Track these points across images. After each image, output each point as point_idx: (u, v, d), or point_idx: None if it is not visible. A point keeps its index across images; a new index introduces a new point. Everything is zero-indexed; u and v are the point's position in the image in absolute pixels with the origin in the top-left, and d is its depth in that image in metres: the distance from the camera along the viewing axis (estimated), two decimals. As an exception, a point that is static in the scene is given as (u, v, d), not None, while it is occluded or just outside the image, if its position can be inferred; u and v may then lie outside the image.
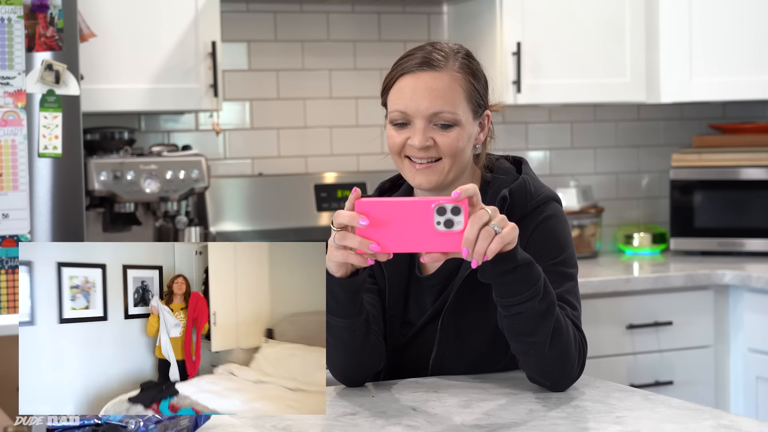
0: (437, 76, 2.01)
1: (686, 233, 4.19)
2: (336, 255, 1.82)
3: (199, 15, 3.60)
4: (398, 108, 2.02)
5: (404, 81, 2.02)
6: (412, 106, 2.01)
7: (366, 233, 1.76)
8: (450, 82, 2.01)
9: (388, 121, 2.06)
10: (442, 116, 2.00)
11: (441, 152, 2.01)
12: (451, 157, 2.01)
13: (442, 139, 2.00)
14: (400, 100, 2.02)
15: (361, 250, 1.77)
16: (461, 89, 2.02)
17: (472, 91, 2.04)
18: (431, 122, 2.01)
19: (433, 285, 2.10)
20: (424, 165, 2.02)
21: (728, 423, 1.75)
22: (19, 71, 3.09)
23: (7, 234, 3.07)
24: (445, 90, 2.00)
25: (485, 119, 2.09)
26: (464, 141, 2.02)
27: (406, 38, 4.19)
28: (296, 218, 3.97)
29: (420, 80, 2.01)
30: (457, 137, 2.01)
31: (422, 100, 2.00)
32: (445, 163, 2.02)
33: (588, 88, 4.06)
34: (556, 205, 2.09)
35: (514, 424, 1.77)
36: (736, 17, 4.03)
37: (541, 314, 1.87)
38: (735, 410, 3.72)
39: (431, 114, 2.00)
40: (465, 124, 2.02)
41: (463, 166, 2.05)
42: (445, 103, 2.00)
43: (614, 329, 3.70)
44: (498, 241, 1.76)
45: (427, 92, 2.00)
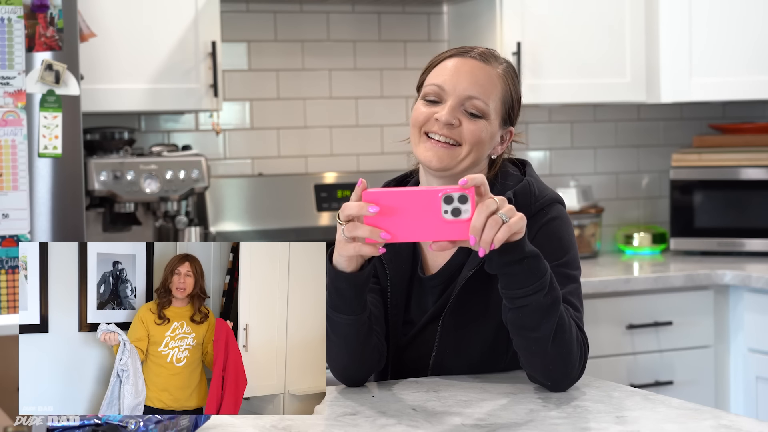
0: (483, 66, 2.04)
1: (686, 233, 4.19)
2: (347, 248, 1.81)
3: (199, 15, 3.60)
4: (436, 82, 2.04)
5: (452, 61, 2.05)
6: (451, 84, 2.02)
7: (374, 222, 1.76)
8: (492, 76, 2.04)
9: (420, 96, 2.07)
10: (475, 103, 2.01)
11: (463, 137, 2.01)
12: (471, 145, 2.01)
13: (468, 125, 2.01)
14: (440, 75, 2.04)
15: (372, 239, 1.77)
16: (500, 88, 2.05)
17: (509, 97, 2.07)
18: (462, 106, 2.02)
19: (435, 285, 2.10)
20: (442, 144, 2.02)
21: (728, 423, 1.75)
22: (19, 71, 3.09)
23: (7, 234, 3.07)
24: (485, 80, 2.03)
25: (508, 135, 2.10)
26: (487, 135, 2.03)
27: (406, 38, 4.19)
28: (296, 218, 3.97)
29: (466, 63, 2.04)
30: (482, 128, 2.02)
31: (462, 80, 2.02)
32: (463, 149, 2.02)
33: (588, 88, 4.06)
34: (560, 207, 2.09)
35: (514, 424, 1.77)
36: (736, 17, 4.03)
37: (545, 309, 1.87)
38: (735, 410, 3.72)
39: (466, 96, 2.01)
40: (492, 122, 2.04)
41: (478, 161, 2.05)
42: (483, 91, 2.02)
43: (614, 329, 3.70)
44: (505, 230, 1.76)
45: (470, 75, 2.02)
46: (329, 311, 1.91)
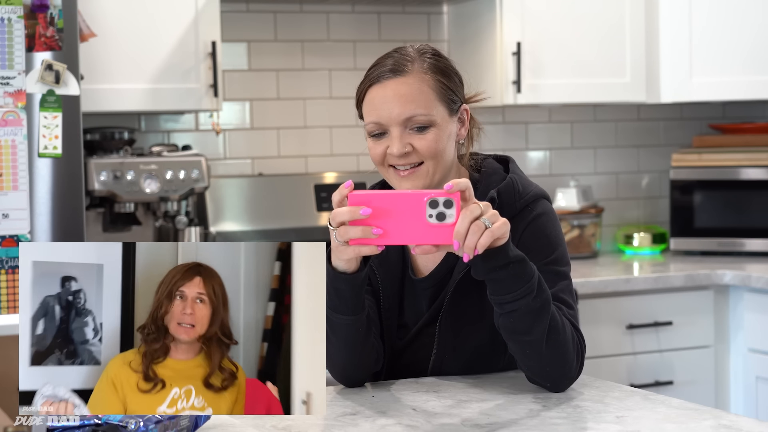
0: (404, 80, 1.99)
1: (686, 233, 4.19)
2: (346, 252, 1.81)
3: (199, 15, 3.60)
4: (372, 119, 2.01)
5: (373, 92, 2.01)
6: (385, 115, 1.99)
7: (362, 224, 1.76)
8: (418, 85, 2.00)
9: (366, 133, 2.05)
10: (416, 119, 1.99)
11: (421, 156, 2.00)
12: (432, 158, 2.00)
13: (420, 143, 1.99)
14: (372, 111, 2.01)
15: (367, 239, 1.77)
16: (431, 89, 2.00)
17: (443, 89, 2.02)
18: (406, 127, 1.99)
19: (427, 287, 2.09)
20: (408, 171, 2.01)
21: (728, 423, 1.75)
22: (19, 71, 3.09)
23: (7, 234, 3.07)
24: (414, 93, 1.99)
25: (464, 114, 2.07)
26: (443, 141, 2.01)
27: (406, 38, 4.18)
28: (296, 218, 3.97)
29: (387, 88, 1.99)
30: (435, 138, 2.00)
31: (393, 107, 1.98)
32: (427, 166, 2.01)
33: (588, 88, 4.06)
34: (546, 202, 2.08)
35: (513, 424, 1.77)
36: (736, 17, 4.03)
37: (535, 312, 1.87)
38: (735, 410, 3.72)
39: (404, 119, 1.99)
40: (441, 124, 2.01)
41: (448, 166, 2.04)
42: (417, 106, 1.98)
43: (614, 329, 3.70)
44: (488, 235, 1.76)
45: (397, 98, 1.98)
46: (328, 312, 1.91)
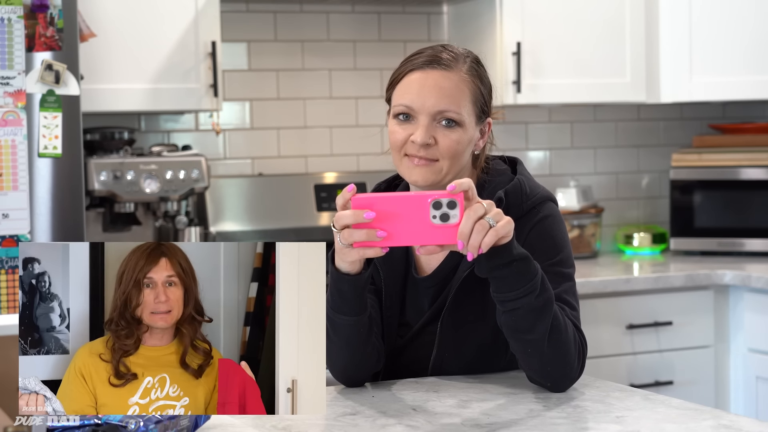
0: (446, 75, 2.01)
1: (686, 233, 4.19)
2: (351, 254, 1.81)
3: (199, 15, 3.60)
4: (404, 102, 2.02)
5: (413, 76, 2.03)
6: (419, 102, 2.01)
7: (366, 227, 1.77)
8: (458, 83, 2.01)
9: (391, 115, 2.06)
10: (447, 114, 2.00)
11: (440, 153, 2.01)
12: (450, 159, 2.01)
13: (443, 140, 2.00)
14: (406, 94, 2.02)
15: (372, 242, 1.77)
16: (468, 91, 2.02)
17: (479, 95, 2.04)
18: (435, 120, 2.01)
19: (429, 286, 2.09)
20: (423, 162, 2.02)
21: (728, 423, 1.75)
22: (19, 71, 3.09)
23: (7, 234, 3.07)
24: (452, 89, 2.01)
25: (486, 126, 2.09)
26: (464, 144, 2.02)
27: (406, 38, 4.19)
28: (296, 218, 3.97)
29: (429, 77, 2.01)
30: (459, 139, 2.01)
31: (429, 96, 2.00)
32: (442, 164, 2.02)
33: (588, 88, 4.06)
34: (552, 205, 2.09)
35: (513, 423, 1.77)
36: (736, 18, 4.02)
37: (538, 310, 1.87)
38: (735, 410, 3.72)
39: (436, 111, 2.00)
40: (467, 127, 2.02)
41: (460, 169, 2.05)
42: (452, 102, 2.00)
43: (614, 329, 3.70)
44: (492, 234, 1.77)
45: (435, 89, 2.00)
46: (330, 312, 1.92)
